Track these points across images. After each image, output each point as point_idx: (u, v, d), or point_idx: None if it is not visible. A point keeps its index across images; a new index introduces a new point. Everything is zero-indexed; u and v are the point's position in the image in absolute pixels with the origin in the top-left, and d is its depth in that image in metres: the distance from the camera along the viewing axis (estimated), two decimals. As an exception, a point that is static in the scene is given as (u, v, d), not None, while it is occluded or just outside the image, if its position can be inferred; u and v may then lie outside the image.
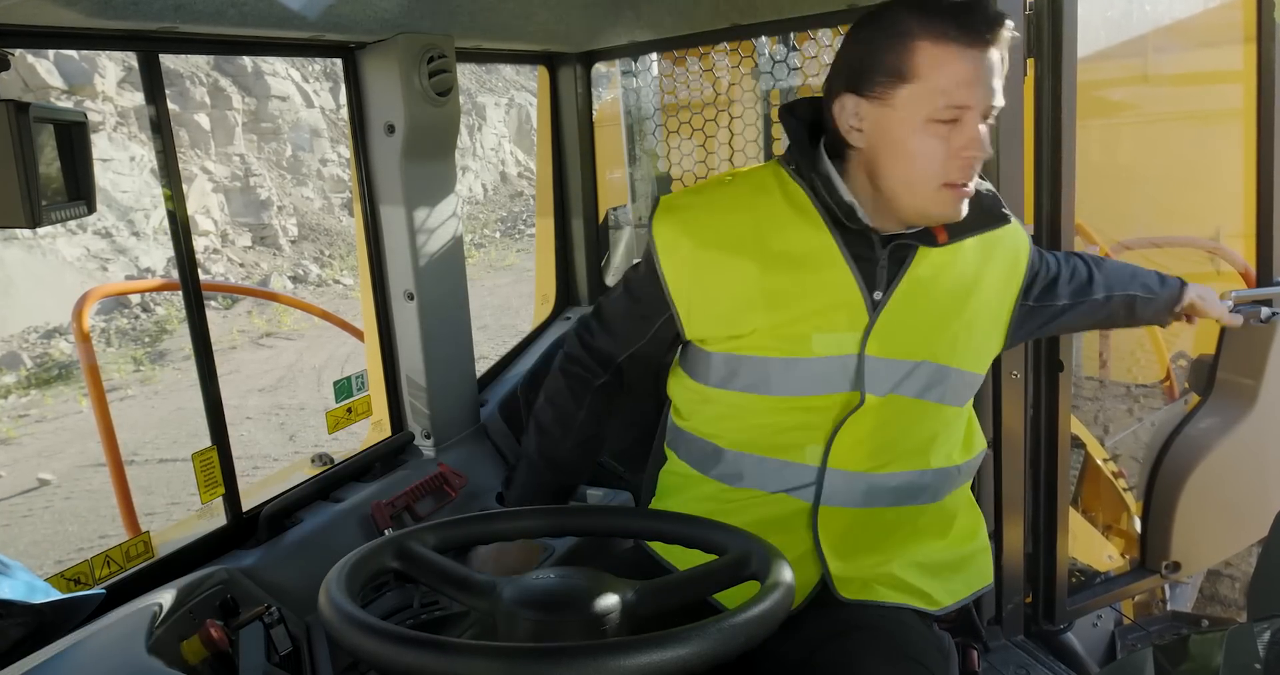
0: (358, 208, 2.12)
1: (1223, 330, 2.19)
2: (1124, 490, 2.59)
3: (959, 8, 1.27)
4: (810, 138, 1.46)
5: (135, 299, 12.97)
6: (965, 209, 1.38)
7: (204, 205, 15.23)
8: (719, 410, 1.54)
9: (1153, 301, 1.75)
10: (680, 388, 1.61)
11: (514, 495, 1.71)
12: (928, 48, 1.28)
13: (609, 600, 1.04)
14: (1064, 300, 1.64)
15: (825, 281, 1.42)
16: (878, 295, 1.43)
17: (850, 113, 1.37)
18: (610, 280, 2.77)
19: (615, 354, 1.63)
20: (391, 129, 1.97)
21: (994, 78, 1.30)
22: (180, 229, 1.67)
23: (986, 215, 1.45)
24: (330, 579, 1.06)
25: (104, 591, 1.42)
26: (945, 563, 1.57)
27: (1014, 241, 1.56)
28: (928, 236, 1.43)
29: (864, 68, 1.34)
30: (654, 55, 2.62)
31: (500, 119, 22.30)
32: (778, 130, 2.54)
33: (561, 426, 1.67)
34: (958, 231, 1.43)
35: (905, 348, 1.44)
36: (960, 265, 1.48)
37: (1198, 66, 3.43)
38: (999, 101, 1.32)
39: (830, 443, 1.47)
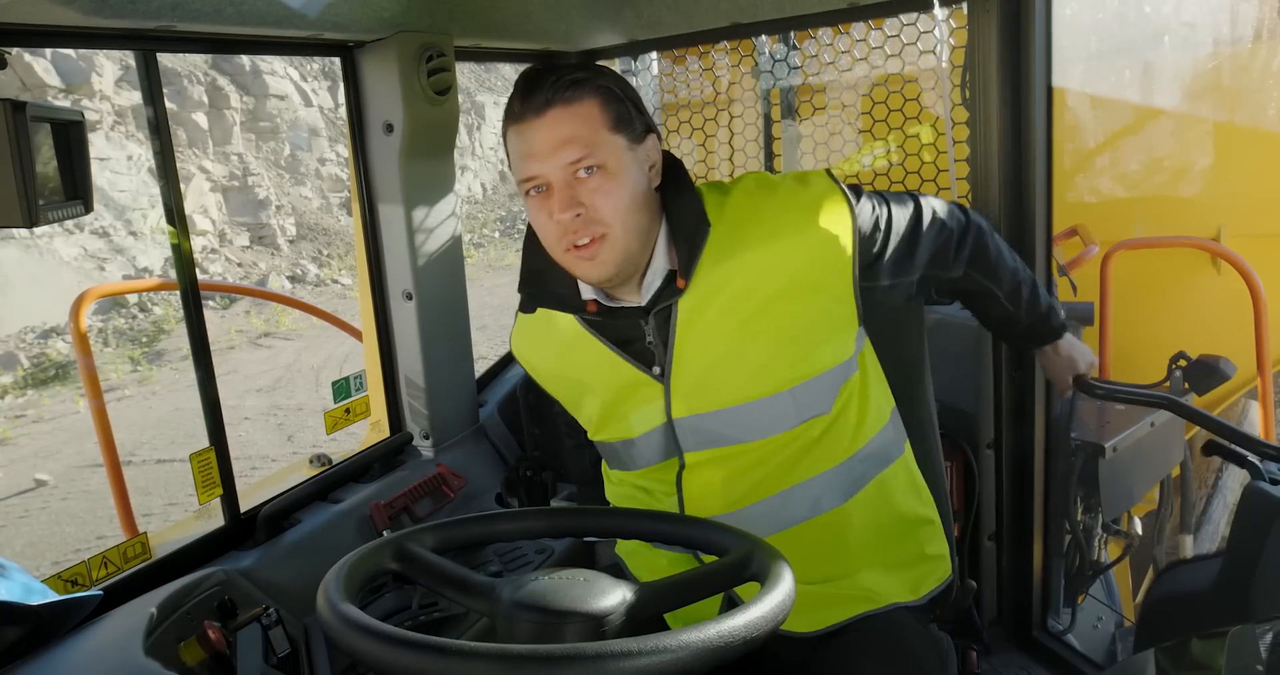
0: (356, 207, 2.11)
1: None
2: None
3: (522, 86, 1.34)
4: None
5: (133, 299, 12.96)
6: (603, 269, 1.38)
7: (202, 205, 15.21)
8: (609, 474, 1.70)
9: (1013, 318, 1.70)
10: None
11: None
12: (508, 133, 1.37)
13: (609, 601, 1.03)
14: (918, 271, 1.54)
15: (610, 373, 1.50)
16: (656, 370, 1.47)
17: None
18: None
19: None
20: (390, 128, 1.96)
21: (565, 140, 1.32)
22: (178, 228, 1.67)
23: (692, 231, 1.42)
24: (328, 580, 1.06)
25: (101, 593, 1.41)
26: (901, 557, 1.56)
27: (819, 225, 1.42)
28: (669, 290, 1.43)
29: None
30: (654, 54, 2.62)
31: (499, 118, 22.29)
32: (778, 130, 2.54)
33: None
34: (686, 266, 1.41)
35: (713, 397, 1.46)
36: (735, 287, 1.42)
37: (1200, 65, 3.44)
38: (586, 154, 1.32)
39: (680, 505, 1.54)
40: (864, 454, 1.53)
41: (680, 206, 1.43)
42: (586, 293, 1.47)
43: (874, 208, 1.48)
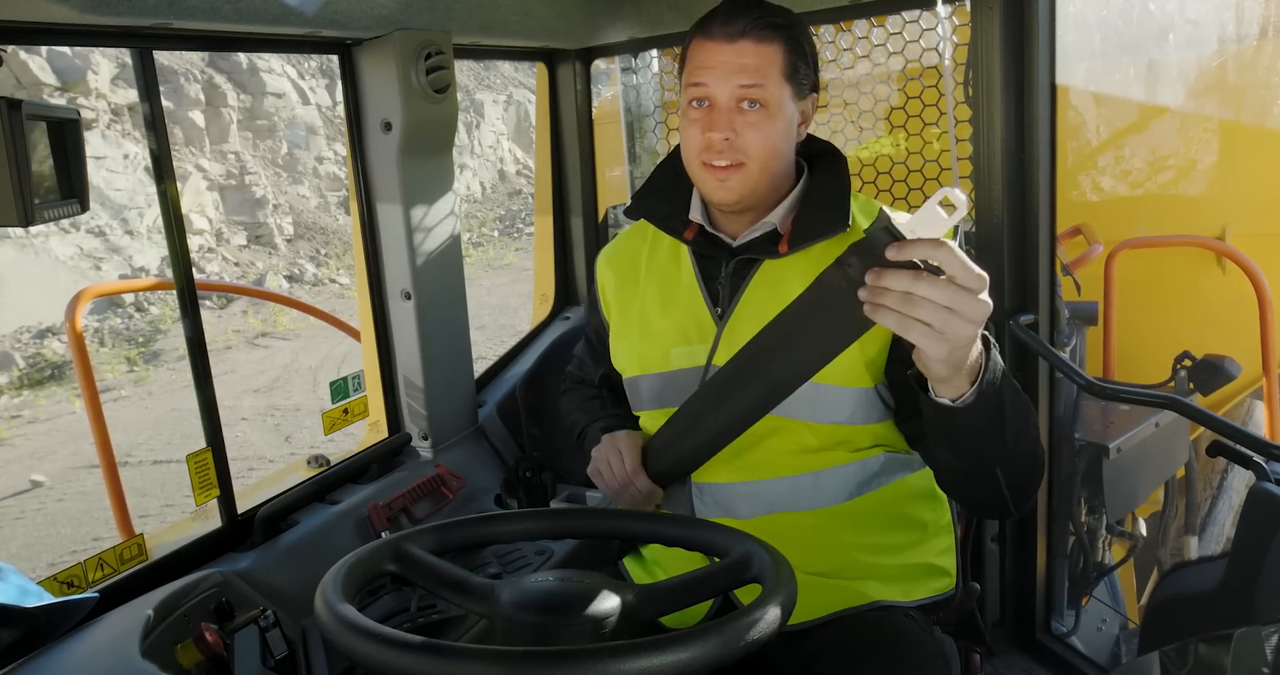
0: (354, 206, 2.11)
1: None
2: None
3: (726, 9, 1.42)
4: None
5: (129, 298, 12.93)
6: (728, 194, 1.45)
7: (199, 203, 15.19)
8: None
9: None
10: None
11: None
12: (692, 43, 1.45)
13: (608, 603, 1.03)
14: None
15: (680, 299, 1.57)
16: (719, 309, 1.53)
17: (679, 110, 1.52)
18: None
19: (594, 375, 1.82)
20: (389, 126, 1.96)
21: (743, 69, 1.40)
22: (174, 227, 1.66)
23: (829, 222, 1.46)
24: (326, 582, 1.05)
25: (97, 595, 1.40)
26: (905, 558, 1.55)
27: None
28: (770, 248, 1.50)
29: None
30: (654, 52, 2.61)
31: (499, 116, 22.28)
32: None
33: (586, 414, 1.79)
34: (798, 240, 1.47)
35: None
36: (812, 275, 1.39)
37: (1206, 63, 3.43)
38: (757, 85, 1.40)
39: None
40: (885, 455, 1.54)
41: (829, 191, 1.50)
42: (695, 213, 1.56)
43: None
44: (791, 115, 1.46)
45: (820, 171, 1.53)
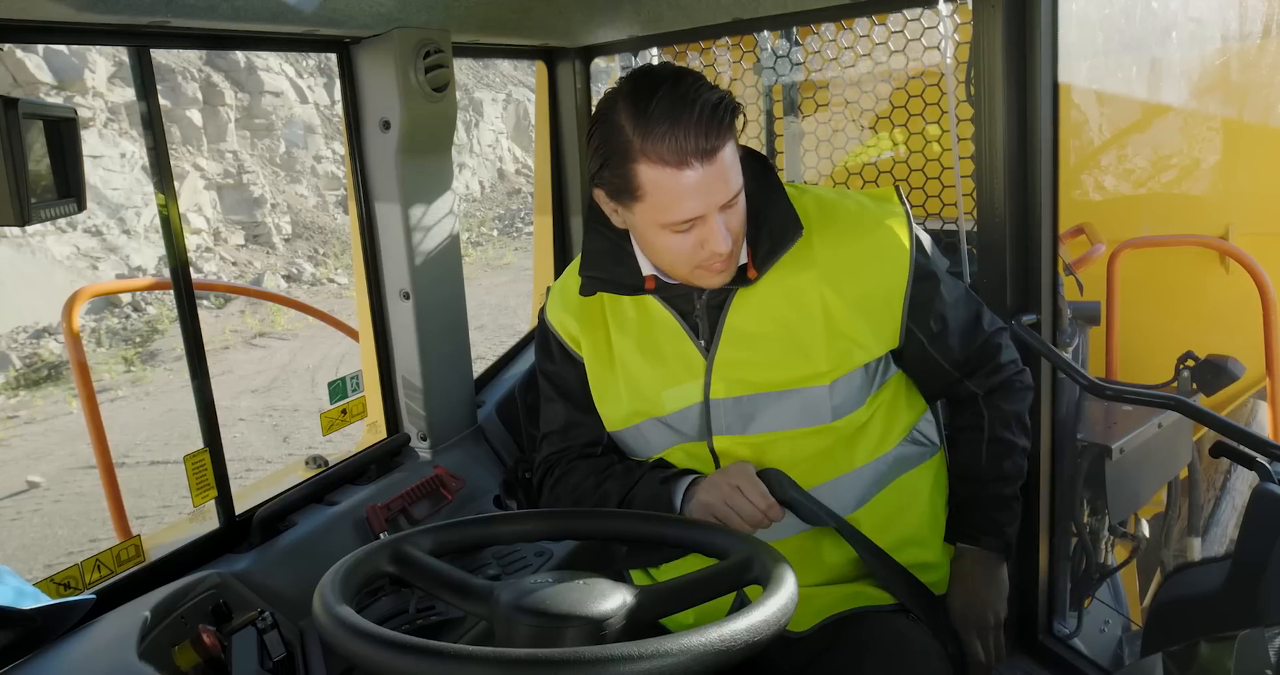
0: (353, 206, 2.10)
1: None
2: None
3: (672, 125, 1.28)
4: None
5: (126, 298, 12.91)
6: (725, 278, 1.43)
7: (196, 203, 15.17)
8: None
9: (974, 470, 1.61)
10: None
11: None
12: (648, 171, 1.31)
13: (609, 605, 1.02)
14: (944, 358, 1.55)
15: (660, 341, 1.53)
16: (702, 342, 1.50)
17: (608, 206, 1.44)
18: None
19: (588, 435, 1.67)
20: (387, 125, 1.95)
21: (720, 180, 1.32)
22: (172, 227, 1.66)
23: (783, 234, 1.45)
24: (324, 583, 1.04)
25: (94, 596, 1.39)
26: (908, 562, 1.56)
27: (883, 243, 1.48)
28: (740, 279, 1.47)
29: (603, 176, 1.38)
30: (654, 50, 2.60)
31: (498, 115, 22.26)
32: (780, 126, 2.52)
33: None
34: (763, 262, 1.45)
35: (753, 380, 1.48)
36: (796, 282, 1.47)
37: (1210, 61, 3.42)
38: (733, 190, 1.35)
39: None
40: (889, 458, 1.55)
41: (768, 203, 1.47)
42: (647, 269, 1.51)
43: (931, 255, 1.53)
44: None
45: (750, 181, 1.44)
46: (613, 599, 1.03)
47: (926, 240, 1.53)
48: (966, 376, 1.58)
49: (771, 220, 1.45)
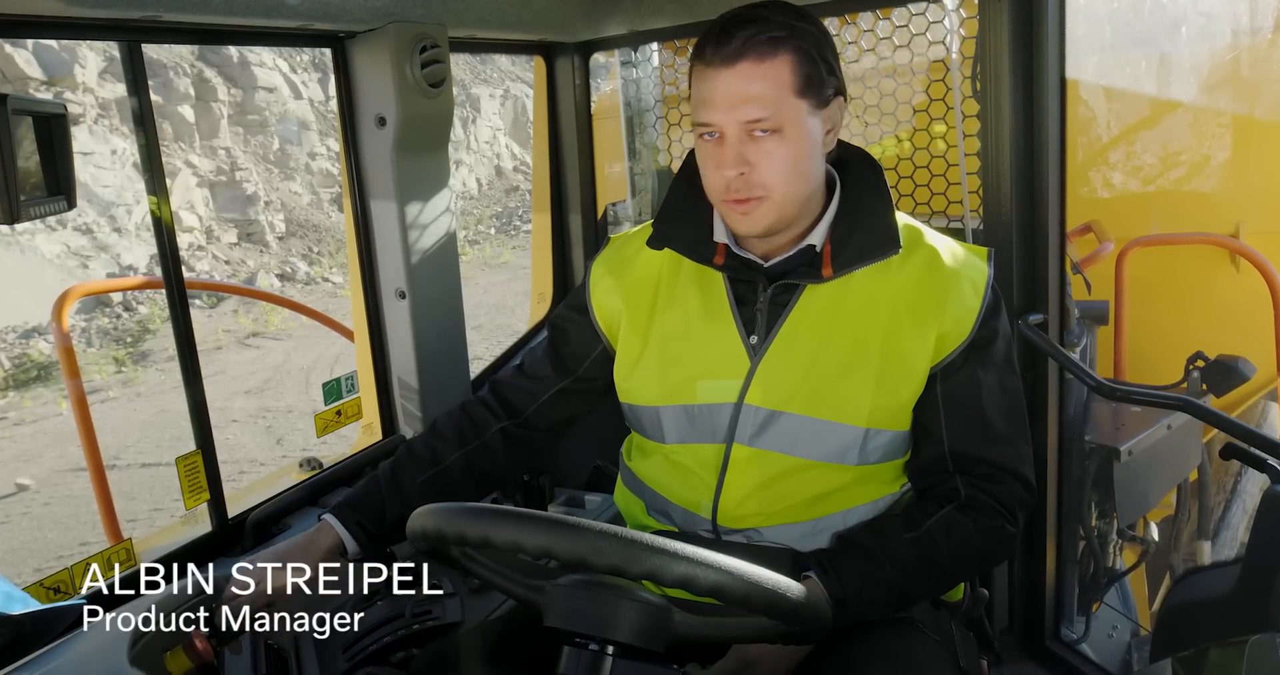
0: (348, 203, 2.09)
1: None
2: None
3: (719, 28, 1.29)
4: None
5: (117, 298, 12.90)
6: (755, 225, 1.36)
7: (188, 200, 15.15)
8: (642, 445, 1.59)
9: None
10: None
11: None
12: (696, 69, 1.33)
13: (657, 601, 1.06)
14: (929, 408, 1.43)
15: (710, 327, 1.45)
16: (754, 340, 1.42)
17: (695, 134, 1.40)
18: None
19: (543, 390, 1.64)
20: (383, 121, 1.94)
21: (743, 94, 1.28)
22: (164, 225, 1.65)
23: (875, 243, 1.39)
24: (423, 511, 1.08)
25: (85, 601, 1.38)
26: None
27: (961, 300, 1.39)
28: (811, 272, 1.40)
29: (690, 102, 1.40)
30: (654, 45, 2.59)
31: (495, 111, 22.29)
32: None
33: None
34: (843, 263, 1.38)
35: (794, 398, 1.41)
36: (867, 309, 1.39)
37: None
38: (758, 113, 1.29)
39: (717, 497, 1.47)
40: (903, 491, 1.51)
41: (872, 212, 1.41)
42: (720, 234, 1.44)
43: (994, 338, 1.43)
44: (813, 131, 1.33)
45: (854, 184, 1.42)
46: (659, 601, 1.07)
47: (1001, 309, 1.44)
48: (959, 472, 1.44)
49: (869, 227, 1.39)
